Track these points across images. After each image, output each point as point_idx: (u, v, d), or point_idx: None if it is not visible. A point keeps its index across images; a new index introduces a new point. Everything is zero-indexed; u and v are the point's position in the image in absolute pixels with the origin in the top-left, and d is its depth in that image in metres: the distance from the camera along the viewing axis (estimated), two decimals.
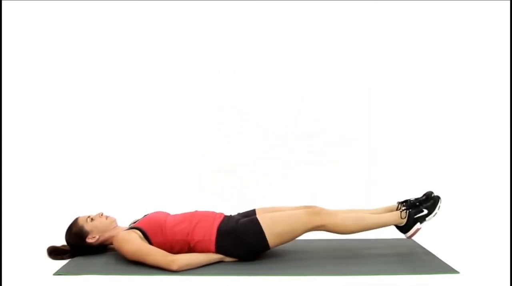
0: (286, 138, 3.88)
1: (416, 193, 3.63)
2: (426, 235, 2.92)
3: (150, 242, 2.42)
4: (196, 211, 2.58)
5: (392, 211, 2.66)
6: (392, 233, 2.99)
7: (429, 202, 2.62)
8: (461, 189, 3.67)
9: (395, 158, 3.87)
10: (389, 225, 2.61)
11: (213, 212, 2.58)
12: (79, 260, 2.49)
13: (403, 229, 2.61)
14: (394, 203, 2.72)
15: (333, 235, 2.94)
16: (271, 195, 3.67)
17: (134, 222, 2.61)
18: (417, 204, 2.62)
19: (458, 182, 3.73)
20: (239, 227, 2.45)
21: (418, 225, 2.60)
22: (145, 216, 2.62)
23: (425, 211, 2.59)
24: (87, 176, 3.75)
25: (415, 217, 2.59)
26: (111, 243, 2.54)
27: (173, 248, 2.43)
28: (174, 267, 2.30)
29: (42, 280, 2.25)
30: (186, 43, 3.86)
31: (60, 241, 2.60)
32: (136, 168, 3.81)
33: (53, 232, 2.73)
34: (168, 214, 2.61)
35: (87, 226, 2.53)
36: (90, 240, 2.53)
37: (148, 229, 2.45)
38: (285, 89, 3.91)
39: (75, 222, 2.57)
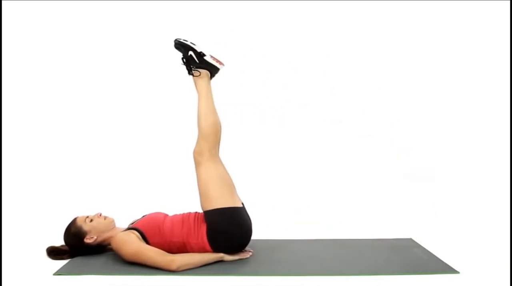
0: (286, 138, 3.89)
1: (415, 193, 3.66)
2: (426, 235, 2.93)
3: (148, 243, 2.41)
4: (189, 212, 2.57)
5: (196, 83, 2.58)
6: (392, 233, 3.00)
7: (182, 49, 2.55)
8: (461, 189, 3.67)
9: (395, 158, 3.87)
10: (208, 85, 2.56)
11: (202, 213, 2.55)
12: (78, 260, 2.49)
13: (214, 71, 2.57)
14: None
15: (333, 235, 2.96)
16: (271, 195, 3.68)
17: (133, 223, 2.61)
18: (186, 59, 2.55)
19: (458, 182, 3.73)
20: (209, 226, 2.41)
21: (207, 58, 2.54)
22: (143, 216, 2.61)
23: (191, 52, 2.52)
24: (86, 176, 3.75)
25: (198, 61, 2.53)
26: (110, 244, 2.54)
27: (171, 249, 2.42)
28: (173, 267, 2.30)
29: (42, 280, 2.25)
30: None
31: (59, 241, 2.60)
32: (135, 168, 3.81)
33: (53, 232, 2.73)
34: (167, 214, 2.60)
35: (86, 226, 2.53)
36: (88, 240, 2.52)
37: (146, 230, 2.44)
38: (285, 89, 3.91)
39: (73, 222, 2.56)
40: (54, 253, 2.54)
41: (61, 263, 2.46)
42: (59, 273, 2.31)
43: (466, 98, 3.88)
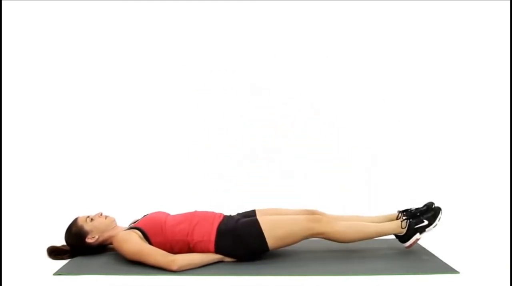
0: (288, 140, 3.89)
1: (416, 193, 3.66)
2: (426, 235, 2.92)
3: (150, 242, 2.42)
4: (195, 211, 2.58)
5: (392, 220, 2.66)
6: None
7: (430, 212, 2.62)
8: (461, 189, 3.67)
9: (395, 159, 3.86)
10: (389, 234, 2.62)
11: (213, 212, 2.59)
12: (79, 260, 2.49)
13: (403, 238, 2.62)
14: (394, 211, 2.73)
15: None
16: (271, 195, 3.67)
17: (134, 222, 2.61)
18: (418, 214, 2.63)
19: (458, 182, 3.73)
20: (239, 227, 2.45)
21: (417, 236, 2.60)
22: (145, 216, 2.62)
23: (426, 222, 2.59)
24: (87, 176, 3.75)
25: (415, 227, 2.59)
26: (111, 243, 2.54)
27: (173, 248, 2.42)
28: (174, 267, 2.30)
29: (42, 280, 2.25)
30: (187, 43, 3.86)
31: (60, 241, 2.60)
32: (136, 168, 3.81)
33: (53, 232, 2.73)
34: (168, 214, 2.61)
35: (87, 226, 2.53)
36: (89, 240, 2.53)
37: (148, 229, 2.44)
38: (286, 90, 3.91)
39: (74, 222, 2.57)
40: (54, 253, 2.55)
41: (61, 263, 2.46)
42: (59, 273, 2.32)
43: (467, 98, 3.87)
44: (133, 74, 3.87)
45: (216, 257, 2.43)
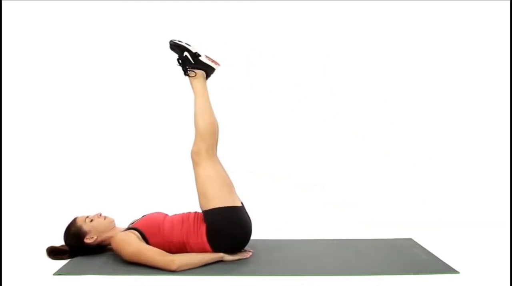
0: (286, 138, 3.89)
1: (415, 193, 3.66)
2: (426, 235, 2.93)
3: (148, 243, 2.41)
4: (190, 212, 2.57)
5: (191, 83, 2.60)
6: (392, 233, 3.00)
7: (177, 50, 2.58)
8: (461, 189, 3.67)
9: (395, 159, 3.87)
10: (204, 85, 2.58)
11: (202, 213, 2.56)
12: (78, 260, 2.49)
13: (210, 71, 2.60)
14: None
15: (333, 235, 2.96)
16: (271, 195, 3.68)
17: (133, 223, 2.61)
18: (181, 60, 2.58)
19: (458, 182, 3.73)
20: (208, 227, 2.41)
21: (202, 58, 2.56)
22: (143, 216, 2.61)
23: (186, 53, 2.55)
24: (86, 176, 3.75)
25: (194, 62, 2.56)
26: (110, 244, 2.54)
27: (171, 249, 2.42)
28: (173, 267, 2.30)
29: (42, 280, 2.25)
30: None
31: (59, 241, 2.60)
32: (135, 168, 3.81)
33: (53, 232, 2.73)
34: (167, 214, 2.60)
35: (86, 226, 2.53)
36: (88, 240, 2.52)
37: (146, 230, 2.44)
38: (286, 91, 3.91)
39: (73, 222, 2.56)
40: (54, 253, 2.54)
41: (61, 263, 2.46)
42: (59, 273, 2.31)
43: (467, 97, 3.87)
44: (133, 74, 3.87)
45: (215, 256, 2.42)
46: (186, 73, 2.61)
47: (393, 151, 3.87)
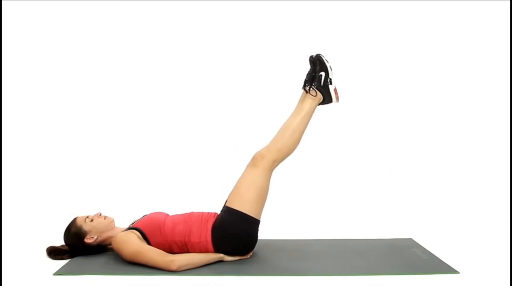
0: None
1: (415, 193, 3.66)
2: (426, 235, 2.93)
3: (148, 243, 2.42)
4: (192, 212, 2.57)
5: (304, 99, 2.60)
6: (392, 233, 3.00)
7: (317, 65, 2.59)
8: (461, 189, 3.67)
9: (395, 159, 3.87)
10: (314, 108, 2.58)
11: (208, 212, 2.56)
12: (79, 260, 2.49)
13: (326, 101, 2.61)
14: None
15: (333, 235, 2.96)
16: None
17: (133, 223, 2.61)
18: (313, 74, 2.58)
19: (458, 182, 3.73)
20: (222, 222, 2.43)
21: (331, 87, 2.58)
22: (143, 216, 2.61)
23: (323, 73, 2.57)
24: (86, 176, 3.75)
25: (323, 85, 2.57)
26: (110, 244, 2.54)
27: (172, 249, 2.42)
28: (174, 267, 2.30)
29: (42, 280, 2.25)
30: (187, 43, 3.87)
31: (59, 241, 2.60)
32: (135, 168, 3.81)
33: (53, 232, 2.73)
34: (167, 214, 2.60)
35: (86, 226, 2.53)
36: (88, 240, 2.53)
37: (147, 230, 2.44)
38: (285, 91, 3.91)
39: (73, 222, 2.56)
40: (54, 253, 2.54)
41: (61, 263, 2.46)
42: (59, 273, 2.31)
43: (467, 97, 3.87)
44: (132, 74, 3.87)
45: (216, 256, 2.42)
46: (306, 88, 2.59)
47: (393, 151, 3.87)
